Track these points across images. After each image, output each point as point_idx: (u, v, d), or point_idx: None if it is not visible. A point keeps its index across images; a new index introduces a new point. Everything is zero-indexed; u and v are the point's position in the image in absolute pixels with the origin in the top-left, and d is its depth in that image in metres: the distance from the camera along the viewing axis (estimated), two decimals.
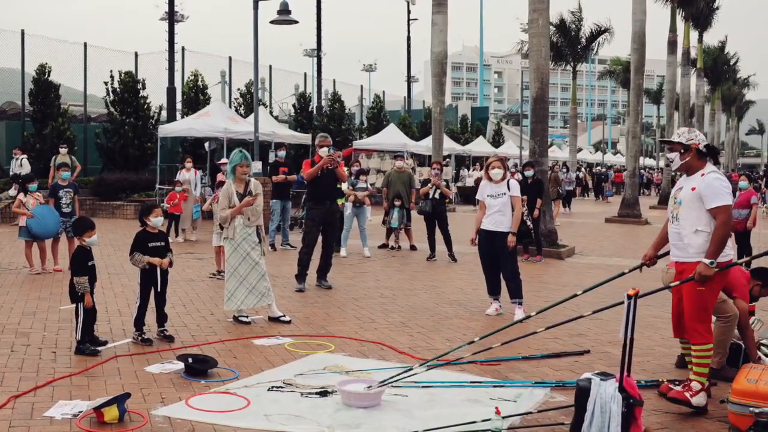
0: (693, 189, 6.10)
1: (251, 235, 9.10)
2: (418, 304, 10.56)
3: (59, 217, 12.68)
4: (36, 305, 9.79)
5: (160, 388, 6.45)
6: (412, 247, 16.77)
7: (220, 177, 17.80)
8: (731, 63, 63.50)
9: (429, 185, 15.53)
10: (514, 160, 41.46)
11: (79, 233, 7.79)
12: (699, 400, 6.01)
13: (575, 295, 6.25)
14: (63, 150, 21.11)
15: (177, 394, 6.26)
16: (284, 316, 9.19)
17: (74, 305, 7.56)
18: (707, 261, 5.91)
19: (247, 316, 9.09)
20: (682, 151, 6.20)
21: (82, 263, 7.58)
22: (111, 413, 5.50)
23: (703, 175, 6.12)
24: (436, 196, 15.37)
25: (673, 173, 22.61)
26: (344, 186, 14.26)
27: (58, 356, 7.35)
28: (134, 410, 5.76)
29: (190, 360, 6.88)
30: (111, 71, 26.19)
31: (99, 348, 7.50)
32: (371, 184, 19.22)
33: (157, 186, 23.75)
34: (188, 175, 17.80)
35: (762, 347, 7.66)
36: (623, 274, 6.53)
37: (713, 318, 7.23)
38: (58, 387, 6.40)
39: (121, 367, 7.03)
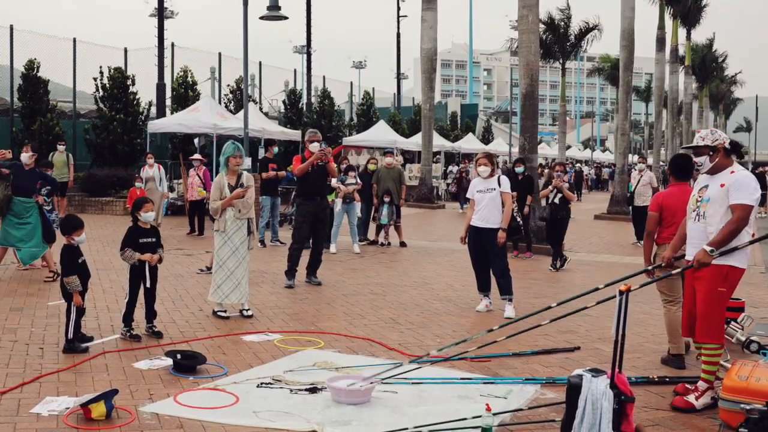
0: (722, 185, 6.05)
1: (241, 228, 9.08)
2: (408, 300, 10.54)
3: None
4: (23, 301, 9.73)
5: (148, 384, 6.40)
6: (402, 244, 16.75)
7: (192, 173, 17.87)
8: (719, 60, 63.71)
9: (550, 187, 14.19)
10: (503, 157, 41.49)
11: (68, 232, 7.70)
12: (705, 400, 6.04)
13: (597, 289, 6.17)
14: (61, 147, 21.01)
15: (165, 391, 6.22)
16: (248, 310, 9.22)
17: (66, 303, 7.50)
18: (708, 248, 5.90)
19: (225, 311, 9.07)
20: (711, 153, 6.18)
21: (71, 262, 7.51)
22: (98, 410, 5.46)
23: (733, 172, 6.08)
24: (556, 200, 13.93)
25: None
26: (334, 181, 14.20)
27: (45, 352, 7.30)
28: (122, 407, 5.72)
29: (178, 356, 6.84)
30: (100, 67, 26.04)
31: (85, 345, 7.44)
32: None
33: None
34: (151, 171, 17.68)
35: (752, 343, 7.70)
36: (647, 270, 6.57)
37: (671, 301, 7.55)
38: (45, 383, 6.35)
39: (109, 363, 6.99)
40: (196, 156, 18.31)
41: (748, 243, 6.00)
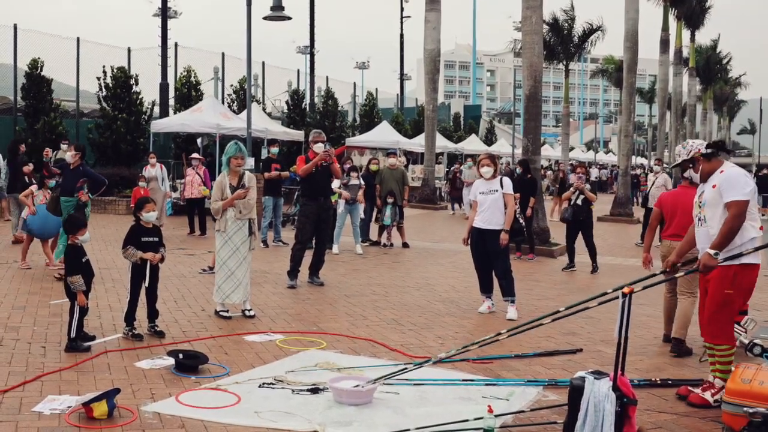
0: (714, 186, 6.11)
1: (242, 228, 9.06)
2: (410, 301, 10.53)
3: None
4: (26, 299, 9.73)
5: (150, 383, 6.40)
6: (405, 245, 16.74)
7: (190, 172, 17.88)
8: (723, 62, 63.62)
9: (571, 189, 14.23)
10: (506, 158, 41.47)
11: (72, 232, 7.71)
12: (719, 397, 6.06)
13: (605, 293, 6.15)
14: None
15: (167, 390, 6.22)
16: (250, 310, 9.21)
17: (70, 302, 7.50)
18: (712, 252, 5.92)
19: (227, 310, 9.06)
20: (691, 165, 6.29)
21: (75, 261, 7.52)
22: (100, 409, 5.46)
23: (722, 171, 6.14)
24: (578, 201, 13.96)
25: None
26: (335, 183, 13.98)
27: (47, 351, 7.30)
28: (124, 406, 5.71)
29: (180, 356, 6.84)
30: (104, 66, 26.06)
31: (87, 344, 7.44)
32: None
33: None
34: (153, 171, 17.70)
35: (756, 346, 7.67)
36: (655, 275, 6.59)
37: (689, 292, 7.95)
38: (47, 382, 6.34)
39: (111, 363, 6.98)
40: (195, 155, 18.34)
41: (753, 250, 5.99)
